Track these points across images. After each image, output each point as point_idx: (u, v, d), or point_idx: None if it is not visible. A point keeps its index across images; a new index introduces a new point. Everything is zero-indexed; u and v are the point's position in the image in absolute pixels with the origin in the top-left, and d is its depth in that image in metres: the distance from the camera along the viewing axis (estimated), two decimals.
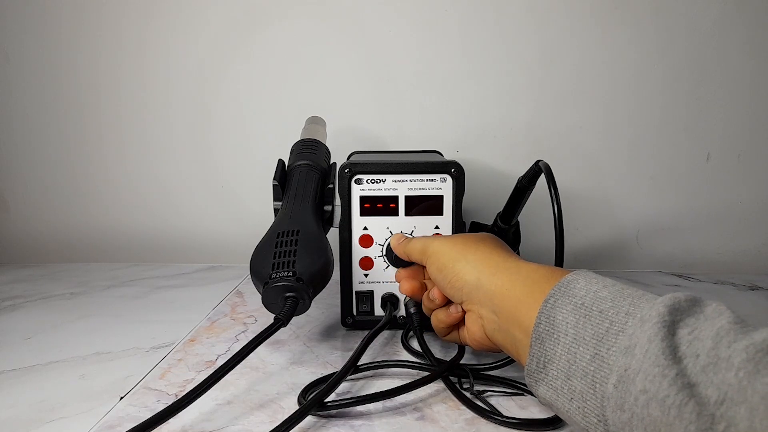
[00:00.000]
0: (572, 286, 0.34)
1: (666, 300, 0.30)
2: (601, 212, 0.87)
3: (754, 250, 0.87)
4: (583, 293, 0.33)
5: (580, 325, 0.32)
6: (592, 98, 0.83)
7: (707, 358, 0.26)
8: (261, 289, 0.50)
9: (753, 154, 0.84)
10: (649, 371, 0.27)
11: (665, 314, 0.29)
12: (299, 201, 0.58)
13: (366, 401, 0.44)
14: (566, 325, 0.33)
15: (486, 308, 0.41)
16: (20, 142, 0.89)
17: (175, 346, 0.57)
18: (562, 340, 0.33)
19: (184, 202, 0.89)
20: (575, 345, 0.32)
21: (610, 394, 0.29)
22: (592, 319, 0.32)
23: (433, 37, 0.83)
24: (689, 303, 0.29)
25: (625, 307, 0.31)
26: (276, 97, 0.85)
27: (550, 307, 0.34)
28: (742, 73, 0.82)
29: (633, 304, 0.31)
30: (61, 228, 0.91)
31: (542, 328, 0.34)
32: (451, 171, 0.58)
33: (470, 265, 0.43)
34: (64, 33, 0.85)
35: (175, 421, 0.41)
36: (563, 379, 0.32)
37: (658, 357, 0.27)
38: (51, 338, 0.59)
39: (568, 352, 0.32)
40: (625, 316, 0.30)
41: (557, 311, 0.33)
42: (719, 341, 0.26)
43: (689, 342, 0.27)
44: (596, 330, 0.31)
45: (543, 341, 0.34)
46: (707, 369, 0.26)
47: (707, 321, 0.28)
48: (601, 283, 0.34)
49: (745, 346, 0.25)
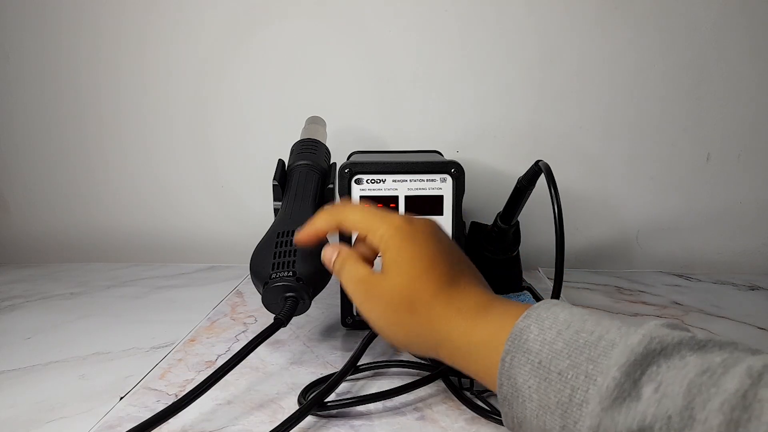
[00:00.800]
0: (525, 338, 0.32)
1: (619, 359, 0.28)
2: (601, 212, 0.87)
3: (754, 250, 0.87)
4: (538, 347, 0.31)
5: (542, 390, 0.30)
6: (592, 98, 0.83)
7: (681, 420, 0.25)
8: (261, 289, 0.50)
9: (753, 154, 0.84)
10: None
11: (623, 381, 0.27)
12: (299, 201, 0.58)
13: (366, 401, 0.44)
14: (529, 390, 0.31)
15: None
16: (20, 142, 0.89)
17: (175, 346, 0.57)
18: (528, 405, 0.31)
19: (184, 202, 0.89)
20: (542, 412, 0.30)
21: None
22: (553, 384, 0.30)
23: (433, 37, 0.83)
24: (646, 350, 0.28)
25: (583, 365, 0.29)
26: (276, 97, 0.85)
27: (508, 367, 0.32)
28: (742, 73, 0.82)
29: (590, 359, 0.29)
30: (61, 228, 0.91)
31: (505, 390, 0.32)
32: (451, 171, 0.58)
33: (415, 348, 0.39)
34: (64, 33, 0.85)
35: (175, 421, 0.41)
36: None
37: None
38: (51, 338, 0.59)
39: (536, 417, 0.31)
40: (585, 379, 0.29)
41: (516, 371, 0.32)
42: (692, 400, 0.25)
43: (657, 401, 0.26)
44: (559, 398, 0.30)
45: (510, 403, 0.32)
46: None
47: (671, 371, 0.27)
48: (554, 327, 0.32)
49: (719, 404, 0.24)
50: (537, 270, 0.84)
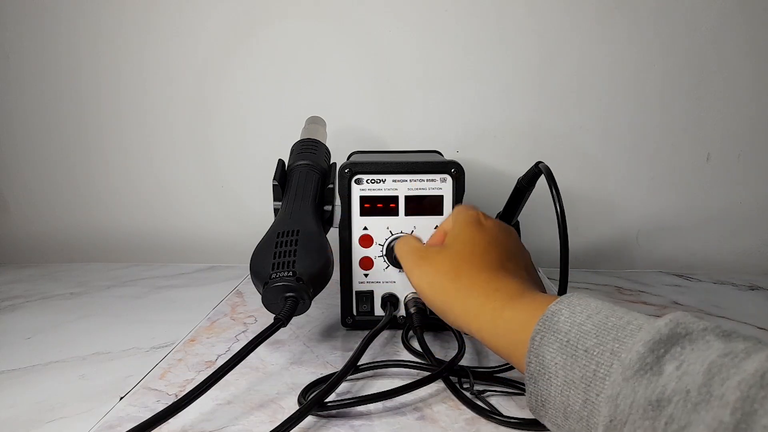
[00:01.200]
0: (556, 319, 0.34)
1: (645, 336, 0.29)
2: (601, 212, 0.87)
3: (754, 250, 0.87)
4: (567, 328, 0.33)
5: (569, 366, 0.32)
6: (592, 98, 0.83)
7: (699, 395, 0.25)
8: (261, 289, 0.50)
9: (753, 154, 0.84)
10: (637, 423, 0.27)
11: (646, 356, 0.28)
12: (299, 201, 0.58)
13: (366, 401, 0.44)
14: (555, 366, 0.32)
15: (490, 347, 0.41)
16: (20, 142, 0.89)
17: (175, 346, 0.57)
18: (554, 382, 0.32)
19: (184, 202, 0.89)
20: (567, 388, 0.32)
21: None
22: (579, 360, 0.31)
23: (433, 37, 0.83)
24: (672, 332, 0.29)
25: (609, 343, 0.30)
26: (276, 97, 0.85)
27: (537, 346, 0.34)
28: (742, 73, 0.82)
29: (617, 338, 0.30)
30: (61, 228, 0.91)
31: (533, 368, 0.34)
32: (451, 171, 0.58)
33: (450, 315, 0.42)
34: (64, 33, 0.85)
35: (175, 421, 0.41)
36: (562, 418, 0.32)
37: (646, 409, 0.27)
38: (51, 338, 0.59)
39: (561, 394, 0.32)
40: (610, 356, 0.30)
41: (545, 350, 0.33)
42: (711, 378, 0.26)
43: (678, 378, 0.27)
44: (584, 372, 0.31)
45: (536, 381, 0.34)
46: (699, 407, 0.25)
47: (695, 352, 0.27)
48: (585, 312, 0.33)
49: (737, 382, 0.25)
50: (537, 270, 0.84)
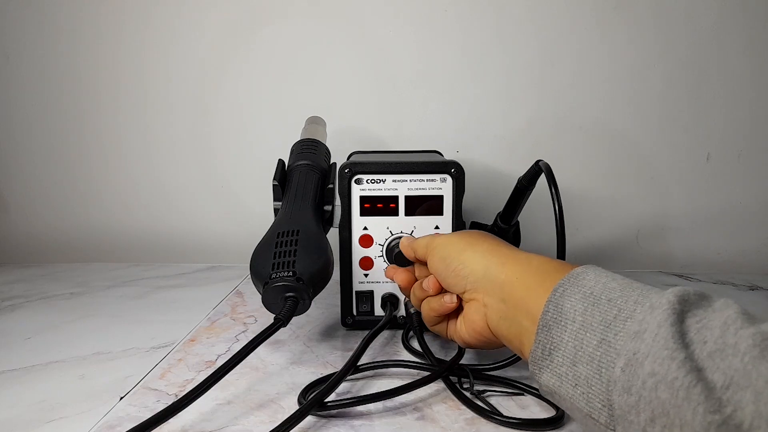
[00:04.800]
0: (582, 277, 0.35)
1: (676, 290, 0.30)
2: (601, 212, 0.87)
3: (754, 250, 0.87)
4: (592, 284, 0.34)
5: (588, 312, 0.32)
6: (591, 98, 0.83)
7: (714, 344, 0.27)
8: (261, 289, 0.50)
9: (753, 154, 0.84)
10: (658, 354, 0.27)
11: (675, 303, 0.29)
12: (299, 201, 0.58)
13: (366, 401, 0.44)
14: (574, 313, 0.33)
15: (493, 297, 0.41)
16: (20, 142, 0.89)
17: (175, 346, 0.57)
18: (569, 327, 0.33)
19: (184, 202, 0.89)
20: (582, 331, 0.32)
21: (617, 378, 0.29)
22: (601, 307, 0.32)
23: (433, 37, 0.83)
24: (698, 296, 0.30)
25: (633, 296, 0.32)
26: (276, 97, 0.85)
27: (559, 296, 0.35)
28: (742, 73, 0.82)
29: (642, 294, 0.32)
30: (61, 228, 0.91)
31: (550, 315, 0.34)
32: (451, 171, 0.58)
33: (478, 254, 0.44)
34: (64, 33, 0.85)
35: (175, 421, 0.41)
36: (568, 366, 0.32)
37: (668, 341, 0.28)
38: (51, 338, 0.59)
39: (574, 338, 0.32)
40: (634, 304, 0.31)
41: (566, 299, 0.34)
42: (726, 329, 0.27)
43: (697, 330, 0.28)
44: (604, 317, 0.32)
45: (550, 328, 0.34)
46: (714, 355, 0.26)
47: (715, 312, 0.29)
48: (610, 276, 0.35)
49: (751, 333, 0.26)
50: None
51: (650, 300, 0.31)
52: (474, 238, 0.46)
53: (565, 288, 0.35)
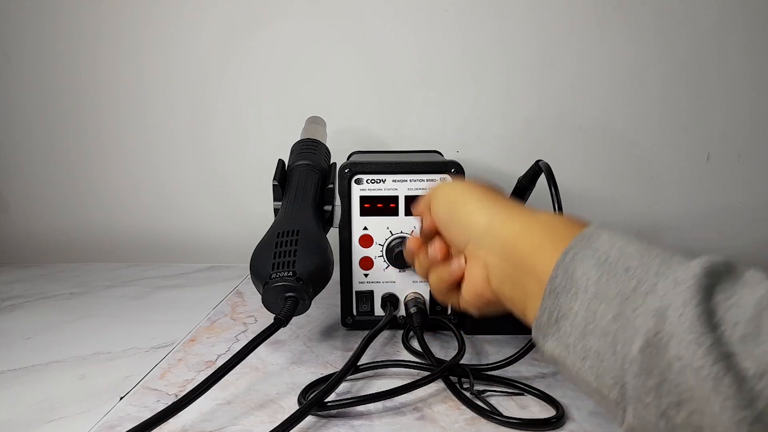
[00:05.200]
0: (595, 238, 0.32)
1: (702, 262, 0.27)
2: (601, 212, 0.87)
3: (754, 250, 0.87)
4: (607, 248, 0.31)
5: (603, 281, 0.29)
6: (591, 98, 0.83)
7: (746, 327, 0.24)
8: (261, 289, 0.50)
9: (753, 154, 0.84)
10: (683, 338, 0.25)
11: (701, 276, 0.26)
12: (299, 201, 0.58)
13: (366, 401, 0.44)
14: (587, 281, 0.30)
15: (495, 255, 0.38)
16: (20, 142, 0.89)
17: (175, 346, 0.57)
18: (580, 296, 0.30)
19: (184, 202, 0.89)
20: (595, 302, 0.29)
21: (634, 358, 0.27)
22: (617, 277, 0.29)
23: (433, 36, 0.83)
24: (725, 266, 0.27)
25: (654, 266, 0.29)
26: (276, 97, 0.85)
27: (569, 260, 0.31)
28: (742, 73, 0.82)
29: (663, 264, 0.29)
30: (61, 228, 0.91)
31: (558, 281, 0.31)
32: (451, 171, 0.58)
33: (483, 207, 0.40)
34: (64, 33, 0.85)
35: (175, 421, 0.41)
36: (577, 337, 0.30)
37: (693, 323, 0.25)
38: (51, 338, 0.59)
39: (586, 309, 0.30)
40: (655, 276, 0.28)
41: (577, 265, 0.31)
42: (761, 311, 0.24)
43: (727, 308, 0.25)
44: (621, 288, 0.29)
45: (558, 295, 0.31)
46: (746, 339, 0.24)
47: (746, 288, 0.26)
48: (625, 239, 0.31)
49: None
50: None
51: (673, 272, 0.27)
52: (481, 188, 0.43)
53: (577, 251, 0.31)
